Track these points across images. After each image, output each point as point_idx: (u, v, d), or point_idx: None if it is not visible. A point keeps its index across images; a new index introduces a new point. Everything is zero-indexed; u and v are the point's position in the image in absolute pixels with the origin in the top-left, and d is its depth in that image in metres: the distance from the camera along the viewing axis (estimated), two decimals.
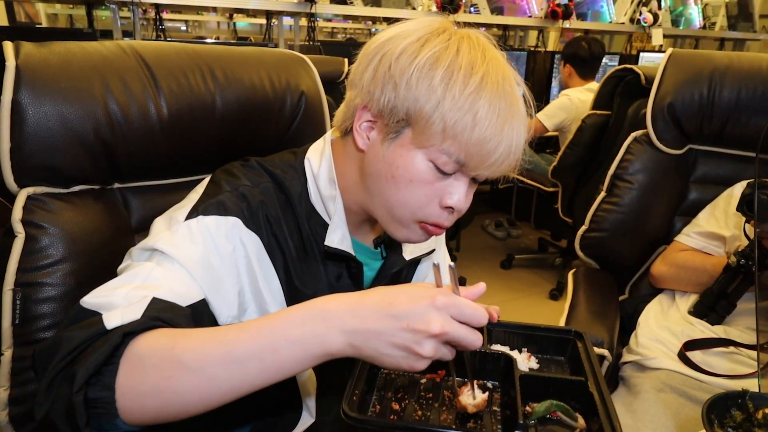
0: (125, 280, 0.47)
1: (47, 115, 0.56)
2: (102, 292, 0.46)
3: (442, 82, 0.48)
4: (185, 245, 0.49)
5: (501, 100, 0.49)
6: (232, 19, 3.57)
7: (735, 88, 1.01)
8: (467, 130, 0.48)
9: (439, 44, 0.50)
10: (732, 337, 0.87)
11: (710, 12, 3.64)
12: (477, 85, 0.48)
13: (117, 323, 0.41)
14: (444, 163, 0.50)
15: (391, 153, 0.52)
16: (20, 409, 0.55)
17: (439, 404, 0.52)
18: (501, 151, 0.49)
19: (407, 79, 0.49)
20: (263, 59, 0.75)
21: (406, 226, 0.54)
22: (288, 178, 0.58)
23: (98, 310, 0.44)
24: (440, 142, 0.49)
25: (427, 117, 0.49)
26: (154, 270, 0.48)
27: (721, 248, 0.97)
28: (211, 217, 0.51)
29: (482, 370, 0.55)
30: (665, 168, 1.07)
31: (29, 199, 0.57)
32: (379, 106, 0.51)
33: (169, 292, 0.46)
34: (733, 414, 0.62)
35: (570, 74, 2.20)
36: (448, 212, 0.53)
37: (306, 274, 0.59)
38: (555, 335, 0.60)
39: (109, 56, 0.62)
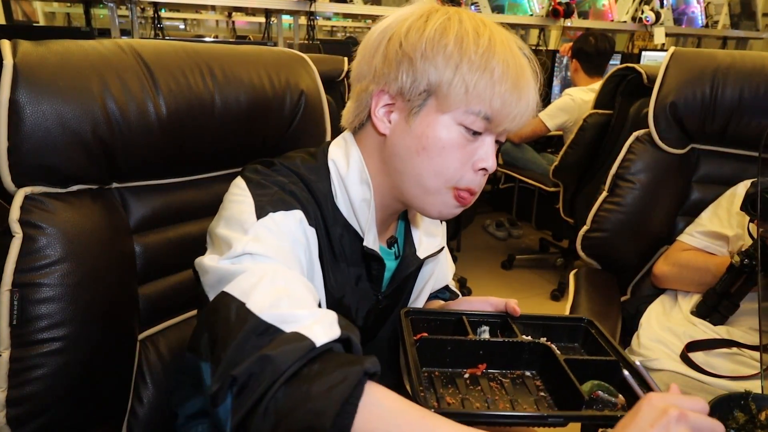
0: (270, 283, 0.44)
1: (45, 114, 0.56)
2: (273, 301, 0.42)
3: (455, 47, 0.51)
4: (273, 243, 0.48)
5: (511, 57, 0.52)
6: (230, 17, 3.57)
7: (738, 87, 1.01)
8: (488, 88, 0.51)
9: (440, 17, 0.53)
10: (735, 338, 0.87)
11: (713, 10, 3.63)
12: (487, 45, 0.51)
13: (324, 340, 0.40)
14: (473, 122, 0.53)
15: (418, 125, 0.54)
16: (18, 411, 0.55)
17: (492, 394, 0.53)
18: (522, 104, 0.53)
19: (422, 51, 0.52)
20: (262, 58, 0.75)
21: (440, 197, 0.56)
22: (314, 180, 0.57)
23: (278, 325, 0.41)
24: (465, 102, 0.52)
25: (448, 82, 0.52)
26: (284, 272, 0.46)
27: (725, 248, 0.96)
28: (281, 212, 0.51)
29: (518, 360, 0.57)
30: (667, 168, 1.06)
31: (27, 198, 0.57)
32: (398, 84, 0.54)
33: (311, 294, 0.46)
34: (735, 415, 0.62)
35: (576, 70, 2.19)
36: (481, 174, 0.56)
37: (336, 276, 0.59)
38: (568, 324, 0.64)
39: (107, 55, 0.62)
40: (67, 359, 0.57)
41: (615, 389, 0.52)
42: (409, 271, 0.65)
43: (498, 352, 0.57)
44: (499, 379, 0.55)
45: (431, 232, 0.69)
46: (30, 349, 0.55)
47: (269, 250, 0.47)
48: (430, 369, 0.56)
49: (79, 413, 0.60)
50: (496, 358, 0.57)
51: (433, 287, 0.73)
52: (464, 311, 0.63)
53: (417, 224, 0.68)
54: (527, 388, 0.54)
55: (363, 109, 0.57)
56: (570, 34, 3.33)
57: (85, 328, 0.58)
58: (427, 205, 0.57)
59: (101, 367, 0.60)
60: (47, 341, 0.56)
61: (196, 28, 4.44)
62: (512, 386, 0.55)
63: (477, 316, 0.63)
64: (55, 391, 0.56)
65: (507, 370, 0.57)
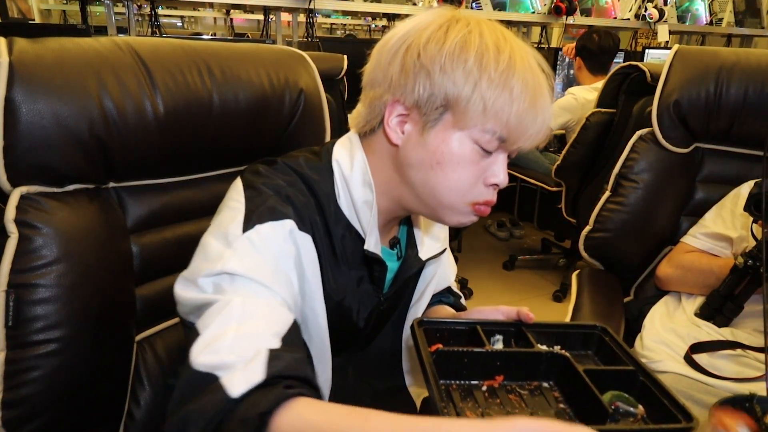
0: (221, 325, 0.43)
1: (41, 113, 0.55)
2: (206, 347, 0.42)
3: (476, 63, 0.50)
4: (253, 260, 0.48)
5: (530, 75, 0.51)
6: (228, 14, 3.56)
7: (742, 85, 1.00)
8: (506, 107, 0.50)
9: (461, 29, 0.52)
10: (739, 340, 0.86)
11: (717, 8, 3.61)
12: (507, 63, 0.50)
13: (243, 389, 0.38)
14: (488, 142, 0.52)
15: (432, 140, 0.53)
16: (13, 413, 0.54)
17: (511, 408, 0.52)
18: (538, 123, 0.52)
19: (441, 65, 0.51)
20: (261, 56, 0.74)
21: (458, 210, 0.55)
22: (317, 180, 0.57)
23: (211, 371, 0.40)
24: (482, 121, 0.51)
25: (466, 99, 0.51)
26: (245, 304, 0.45)
27: (728, 249, 0.96)
28: (268, 224, 0.51)
29: (536, 371, 0.56)
30: (671, 167, 1.05)
31: (22, 198, 0.56)
32: (414, 96, 0.52)
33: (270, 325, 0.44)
34: None
35: (580, 68, 2.17)
36: (493, 189, 0.56)
37: (336, 279, 0.58)
38: (582, 331, 0.63)
39: (104, 52, 0.61)
40: (63, 361, 0.56)
41: (634, 399, 0.51)
42: (411, 273, 0.64)
43: (515, 363, 0.55)
44: (517, 391, 0.54)
45: (433, 233, 0.68)
46: (25, 350, 0.55)
47: (249, 268, 0.47)
48: (447, 381, 0.54)
49: (75, 415, 0.59)
50: (513, 370, 0.55)
51: (435, 289, 0.73)
52: (477, 320, 0.61)
53: (419, 226, 0.67)
54: (546, 400, 0.53)
55: (375, 116, 0.56)
56: (572, 32, 3.31)
57: (82, 329, 0.58)
58: (445, 216, 0.57)
59: (98, 368, 0.60)
60: (43, 343, 0.55)
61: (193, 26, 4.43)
62: (531, 398, 0.53)
63: (490, 325, 0.61)
64: (51, 393, 0.56)
65: (524, 382, 0.55)
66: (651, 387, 0.51)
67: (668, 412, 0.47)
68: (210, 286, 0.47)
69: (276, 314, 0.46)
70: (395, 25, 0.56)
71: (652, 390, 0.50)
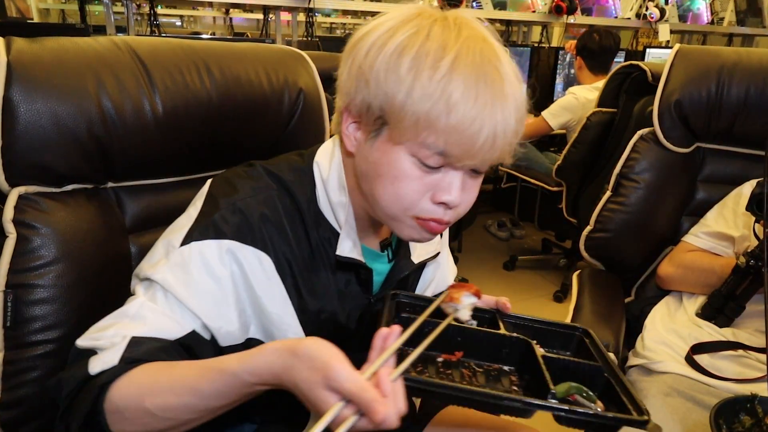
0: (116, 317, 0.50)
1: (39, 113, 0.55)
2: (94, 332, 0.49)
3: (410, 71, 0.45)
4: (178, 275, 0.50)
5: (478, 80, 0.45)
6: (228, 14, 3.56)
7: (744, 85, 0.99)
8: (442, 118, 0.45)
9: (408, 31, 0.47)
10: (740, 340, 0.85)
11: (718, 7, 3.60)
12: (448, 68, 0.44)
13: (99, 369, 0.45)
14: (426, 157, 0.47)
15: (374, 152, 0.50)
16: (11, 414, 0.54)
17: (460, 380, 0.52)
18: (485, 135, 0.45)
19: (376, 73, 0.47)
20: (260, 55, 0.74)
21: (404, 223, 0.52)
22: (296, 183, 0.56)
23: (86, 350, 0.48)
24: (416, 135, 0.46)
25: (398, 111, 0.46)
26: (144, 306, 0.49)
27: (730, 249, 0.95)
28: (204, 242, 0.51)
29: (498, 353, 0.55)
30: (672, 167, 1.05)
31: (21, 198, 0.56)
32: (357, 106, 0.50)
33: (153, 330, 0.48)
34: (741, 419, 0.61)
35: (580, 67, 2.16)
36: (444, 207, 0.51)
37: (315, 284, 0.57)
38: (562, 331, 0.60)
39: (102, 52, 0.61)
40: (62, 361, 0.55)
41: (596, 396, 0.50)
42: (403, 275, 0.63)
43: (477, 341, 0.54)
44: (473, 369, 0.53)
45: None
46: (24, 351, 0.55)
47: (171, 282, 0.50)
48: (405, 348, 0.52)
49: None
50: (474, 348, 0.54)
51: (434, 291, 0.72)
52: None
53: None
54: (501, 383, 0.52)
55: (339, 121, 0.54)
56: (573, 31, 3.30)
57: (80, 329, 0.56)
58: (396, 228, 0.54)
59: None
60: (41, 343, 0.55)
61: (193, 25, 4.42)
62: (485, 378, 0.52)
63: None
64: None
65: (485, 362, 0.54)
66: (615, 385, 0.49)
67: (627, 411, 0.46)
68: (138, 285, 0.53)
69: (167, 324, 0.49)
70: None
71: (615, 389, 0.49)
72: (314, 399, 0.38)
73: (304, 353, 0.39)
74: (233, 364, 0.42)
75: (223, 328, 0.51)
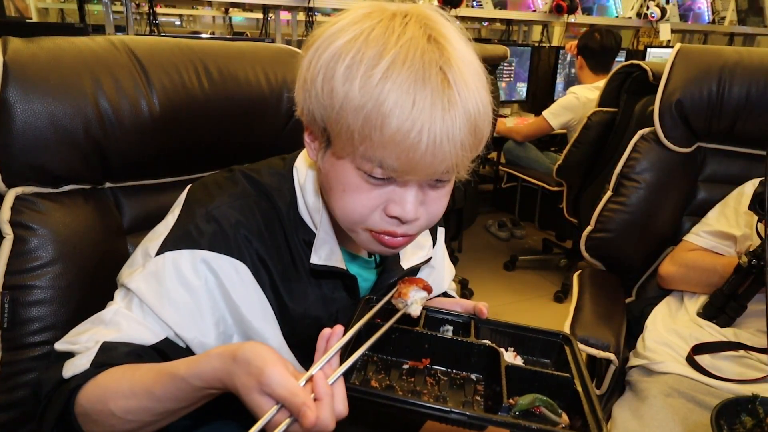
0: (93, 322, 0.51)
1: (36, 113, 0.55)
2: (71, 336, 0.51)
3: (344, 80, 0.41)
4: (152, 285, 0.50)
5: (416, 86, 0.40)
6: (227, 13, 3.55)
7: (745, 84, 0.99)
8: (377, 129, 0.41)
9: (349, 34, 0.42)
10: (742, 340, 0.85)
11: (719, 6, 3.59)
12: (383, 73, 0.40)
13: (71, 373, 0.47)
14: (370, 170, 0.44)
15: (324, 164, 0.48)
16: (8, 416, 0.54)
17: (421, 387, 0.51)
18: (425, 145, 0.41)
19: (315, 83, 0.44)
20: (259, 55, 0.74)
21: (359, 235, 0.50)
22: (276, 187, 0.55)
23: (63, 354, 0.50)
24: (354, 147, 0.43)
25: (334, 124, 0.43)
26: (118, 313, 0.50)
27: (732, 248, 0.95)
28: (178, 252, 0.50)
29: (466, 361, 0.54)
30: (673, 167, 1.05)
31: (17, 199, 0.56)
32: (305, 116, 0.47)
33: (126, 336, 0.49)
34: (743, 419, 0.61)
35: (581, 67, 2.16)
36: (397, 222, 0.47)
37: (296, 289, 0.56)
38: (542, 337, 0.58)
39: (99, 52, 0.61)
40: None
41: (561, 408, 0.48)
42: (391, 281, 0.61)
43: (444, 349, 0.53)
44: (438, 377, 0.52)
45: (417, 241, 0.65)
46: (20, 352, 0.54)
47: (144, 291, 0.50)
48: (370, 353, 0.53)
49: None
50: (441, 356, 0.53)
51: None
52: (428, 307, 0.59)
53: None
54: (464, 391, 0.51)
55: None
56: (574, 31, 3.30)
57: None
58: (354, 238, 0.52)
59: None
60: (38, 345, 0.55)
61: (192, 25, 4.42)
62: (449, 386, 0.51)
63: (442, 313, 0.59)
64: None
65: (452, 370, 0.53)
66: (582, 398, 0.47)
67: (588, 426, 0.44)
68: (120, 290, 0.53)
69: (143, 330, 0.49)
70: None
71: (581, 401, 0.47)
72: (251, 404, 0.38)
73: (242, 358, 0.38)
74: (182, 369, 0.42)
75: (196, 338, 0.51)
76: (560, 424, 0.46)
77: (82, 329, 0.51)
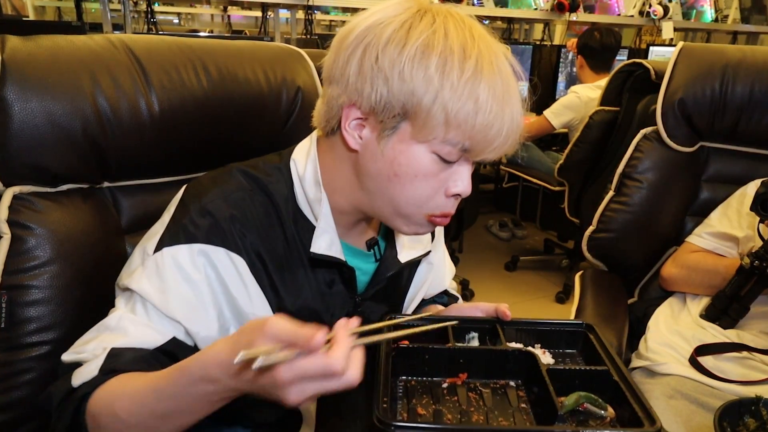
0: (98, 330, 0.51)
1: (34, 112, 0.55)
2: (78, 346, 0.51)
3: (437, 70, 0.46)
4: (154, 283, 0.50)
5: (498, 80, 0.47)
6: (226, 11, 3.55)
7: (748, 83, 0.98)
8: (470, 117, 0.47)
9: (425, 28, 0.47)
10: (745, 342, 0.84)
11: (723, 4, 3.58)
12: (473, 69, 0.46)
13: (80, 381, 0.47)
14: (448, 153, 0.49)
15: (390, 150, 0.50)
16: (5, 417, 0.54)
17: (467, 406, 0.51)
18: (505, 131, 0.49)
19: (399, 70, 0.47)
20: (258, 53, 0.73)
21: (415, 221, 0.53)
22: (272, 181, 0.55)
23: (71, 364, 0.50)
24: (443, 133, 0.48)
25: (426, 109, 0.47)
26: (123, 318, 0.50)
27: (734, 249, 0.94)
28: (176, 247, 0.51)
29: (502, 368, 0.55)
30: (676, 166, 1.04)
31: (15, 198, 0.56)
32: (371, 102, 0.49)
33: (133, 341, 0.49)
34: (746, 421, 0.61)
35: (582, 66, 2.15)
36: (454, 199, 0.53)
37: (293, 282, 0.56)
38: (566, 329, 0.60)
39: (98, 50, 0.60)
40: (57, 364, 0.55)
41: (605, 401, 0.49)
42: (389, 274, 0.61)
43: (479, 360, 0.54)
44: (479, 390, 0.53)
45: (415, 236, 0.66)
46: (18, 353, 0.54)
47: (147, 290, 0.50)
48: (407, 377, 0.54)
49: None
50: (477, 367, 0.54)
51: (427, 292, 0.71)
52: (452, 316, 0.60)
53: None
54: (508, 400, 0.52)
55: (333, 116, 0.52)
56: (576, 29, 3.29)
57: (75, 331, 0.56)
58: (400, 226, 0.55)
59: None
60: (36, 345, 0.55)
61: (190, 23, 4.41)
62: (492, 397, 0.52)
63: (465, 322, 0.60)
64: None
65: (489, 380, 0.54)
66: (622, 388, 0.49)
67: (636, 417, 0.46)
68: (121, 293, 0.53)
69: (150, 332, 0.49)
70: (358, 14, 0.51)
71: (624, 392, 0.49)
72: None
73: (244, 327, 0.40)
74: (187, 360, 0.43)
75: (201, 332, 0.51)
76: (607, 418, 0.48)
77: (87, 338, 0.51)
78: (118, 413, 0.44)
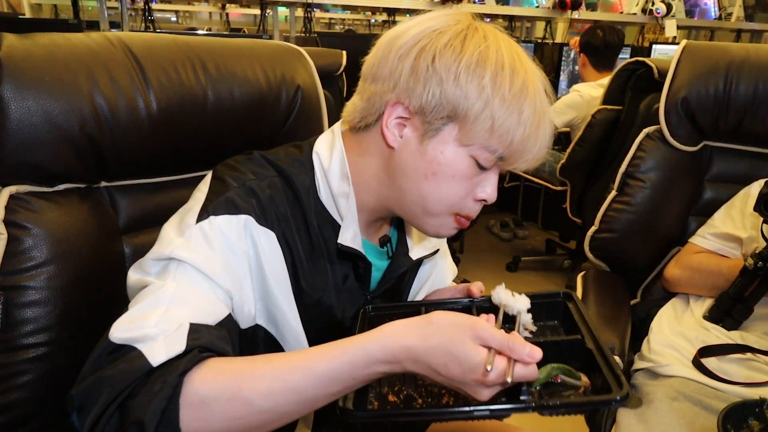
0: (150, 306, 0.45)
1: (30, 111, 0.54)
2: (129, 323, 0.44)
3: (491, 80, 0.50)
4: (203, 250, 0.48)
5: (538, 99, 0.52)
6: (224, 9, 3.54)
7: (752, 81, 0.98)
8: (513, 129, 0.51)
9: (480, 42, 0.51)
10: (749, 343, 0.84)
11: (726, 2, 3.56)
12: (521, 86, 0.51)
13: (163, 358, 0.41)
14: (486, 159, 0.52)
15: (431, 149, 0.52)
16: (2, 419, 0.53)
17: (438, 389, 0.51)
18: (538, 146, 0.53)
19: (456, 75, 0.50)
20: (257, 52, 0.73)
21: (440, 220, 0.56)
22: (295, 172, 0.56)
23: (131, 344, 0.42)
24: (486, 139, 0.51)
25: (475, 115, 0.50)
26: (178, 289, 0.46)
27: (738, 250, 0.94)
28: (222, 216, 0.50)
29: None
30: (679, 166, 1.03)
31: (12, 198, 0.55)
32: (421, 102, 0.51)
33: (199, 314, 0.45)
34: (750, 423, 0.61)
35: (584, 64, 2.14)
36: (480, 204, 0.56)
37: (314, 274, 0.57)
38: (545, 300, 0.61)
39: (95, 48, 0.60)
40: (54, 365, 0.55)
41: (579, 370, 0.49)
42: (401, 272, 0.63)
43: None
44: None
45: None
46: (15, 354, 0.53)
47: (196, 258, 0.47)
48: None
49: (66, 421, 0.58)
50: None
51: (429, 290, 0.71)
52: (426, 301, 0.60)
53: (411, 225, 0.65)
54: None
55: (373, 113, 0.54)
56: (578, 27, 3.27)
57: (73, 332, 0.56)
58: (426, 224, 0.56)
59: None
60: (33, 346, 0.54)
61: (188, 21, 4.41)
62: None
63: (439, 304, 0.60)
64: (41, 398, 0.55)
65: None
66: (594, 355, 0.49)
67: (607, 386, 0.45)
68: (155, 267, 0.49)
69: (209, 306, 0.47)
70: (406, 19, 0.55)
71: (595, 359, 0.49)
72: (462, 353, 0.41)
73: (441, 319, 0.42)
74: (359, 340, 0.42)
75: (244, 306, 0.51)
76: (581, 387, 0.47)
77: (140, 313, 0.44)
78: (248, 396, 0.40)
